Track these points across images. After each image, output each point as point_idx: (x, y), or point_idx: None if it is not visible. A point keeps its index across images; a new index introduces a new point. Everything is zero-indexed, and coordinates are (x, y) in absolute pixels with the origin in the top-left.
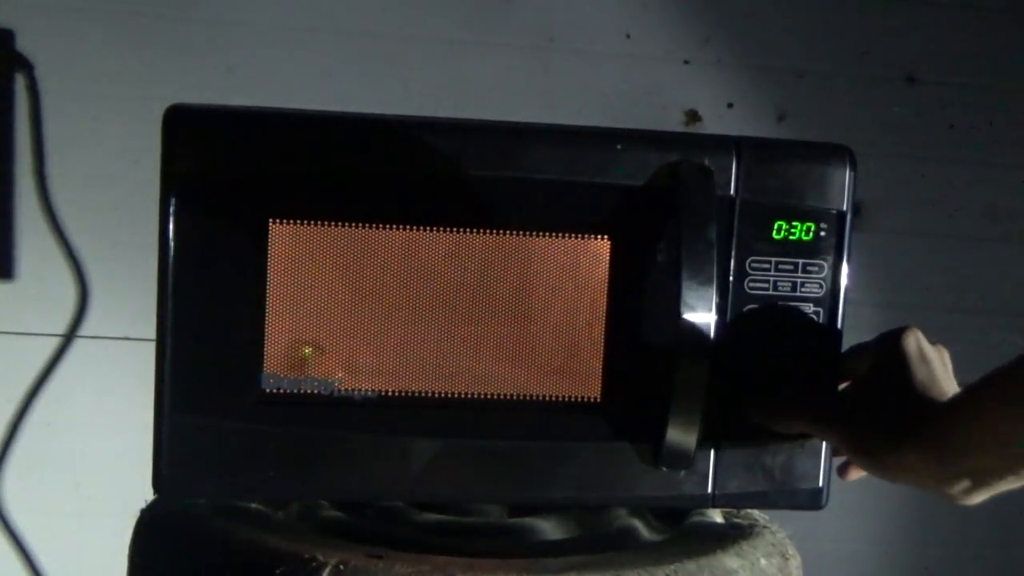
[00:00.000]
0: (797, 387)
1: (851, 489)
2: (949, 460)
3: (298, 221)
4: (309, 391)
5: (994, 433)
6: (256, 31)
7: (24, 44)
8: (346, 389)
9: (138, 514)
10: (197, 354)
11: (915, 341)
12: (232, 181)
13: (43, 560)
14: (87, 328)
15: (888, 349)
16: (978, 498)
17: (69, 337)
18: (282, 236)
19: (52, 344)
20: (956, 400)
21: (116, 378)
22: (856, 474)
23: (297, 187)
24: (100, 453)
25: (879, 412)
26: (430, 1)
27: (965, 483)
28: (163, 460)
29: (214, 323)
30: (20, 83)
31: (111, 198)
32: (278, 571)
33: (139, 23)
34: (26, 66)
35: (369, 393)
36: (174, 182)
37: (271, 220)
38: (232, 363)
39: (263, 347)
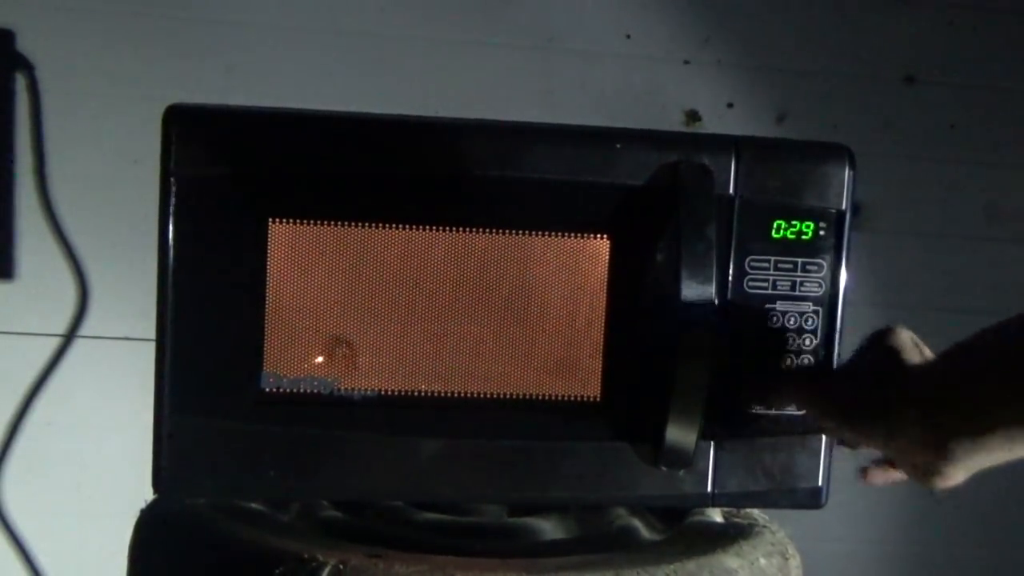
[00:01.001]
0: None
1: (851, 489)
2: (943, 420)
3: (298, 221)
4: (309, 391)
5: (991, 390)
6: (256, 31)
7: (24, 44)
8: (346, 389)
9: (138, 514)
10: (197, 354)
11: (908, 334)
12: (232, 181)
13: (43, 560)
14: (87, 328)
15: (880, 338)
16: (963, 471)
17: (69, 337)
18: (282, 235)
19: (52, 344)
20: (949, 355)
21: (116, 378)
22: (878, 478)
23: (297, 187)
24: (100, 453)
25: (871, 376)
26: (429, 1)
27: (955, 452)
28: (163, 460)
29: (214, 323)
30: (20, 83)
31: (111, 198)
32: (278, 571)
33: (139, 23)
34: (26, 66)
35: (369, 393)
36: (173, 182)
37: (271, 219)
38: (232, 363)
39: (263, 347)
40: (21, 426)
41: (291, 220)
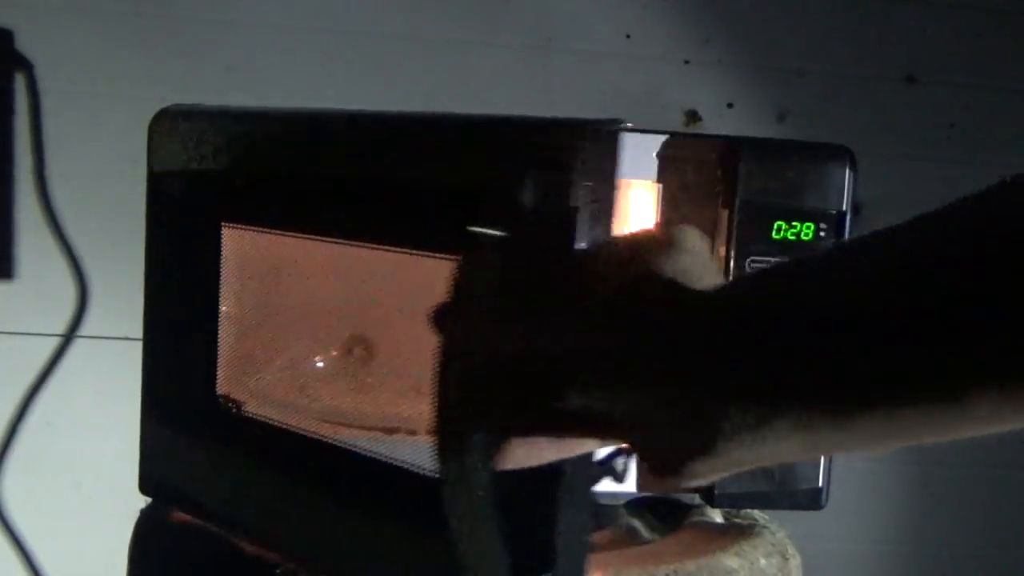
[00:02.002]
0: None
1: (851, 489)
2: (710, 397)
3: (251, 227)
4: (254, 415)
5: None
6: (256, 31)
7: (24, 44)
8: (275, 419)
9: (138, 514)
10: (167, 362)
11: (692, 233)
12: (188, 181)
13: (43, 560)
14: (87, 328)
15: (649, 243)
16: (721, 473)
17: (69, 337)
18: (235, 243)
19: (52, 344)
20: (739, 296)
21: (116, 378)
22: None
23: (249, 189)
24: (100, 453)
25: (622, 300)
26: (429, 1)
27: (719, 448)
28: (141, 464)
29: (180, 332)
30: (20, 83)
31: (111, 198)
32: (277, 571)
33: (139, 23)
34: (26, 66)
35: (296, 431)
36: (153, 184)
37: (223, 224)
38: (193, 375)
39: (216, 361)
40: (21, 426)
41: (244, 226)
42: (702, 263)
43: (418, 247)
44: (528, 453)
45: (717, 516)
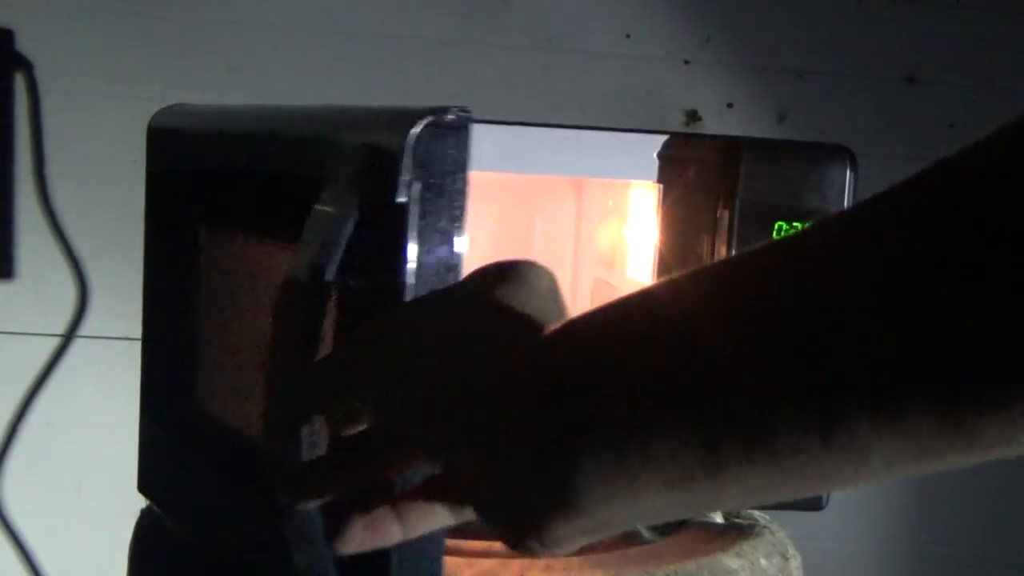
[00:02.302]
0: None
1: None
2: (573, 446)
3: (248, 229)
4: (231, 425)
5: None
6: (256, 31)
7: (24, 44)
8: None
9: (138, 514)
10: (166, 364)
11: (538, 269)
12: (192, 182)
13: (43, 560)
14: (87, 328)
15: (488, 278)
16: (591, 535)
17: (69, 337)
18: (231, 244)
19: (52, 344)
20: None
21: (116, 378)
22: (357, 536)
23: (227, 190)
24: (100, 453)
25: (463, 339)
26: (429, 1)
27: (585, 504)
28: (140, 464)
29: (177, 333)
30: (20, 83)
31: (111, 198)
32: None
33: (139, 23)
34: (25, 65)
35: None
36: (152, 184)
37: (204, 227)
38: (187, 377)
39: (195, 366)
40: (21, 426)
41: (240, 227)
42: (549, 300)
43: None
44: (371, 534)
45: (717, 516)
